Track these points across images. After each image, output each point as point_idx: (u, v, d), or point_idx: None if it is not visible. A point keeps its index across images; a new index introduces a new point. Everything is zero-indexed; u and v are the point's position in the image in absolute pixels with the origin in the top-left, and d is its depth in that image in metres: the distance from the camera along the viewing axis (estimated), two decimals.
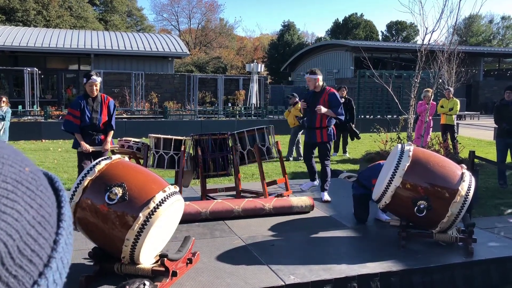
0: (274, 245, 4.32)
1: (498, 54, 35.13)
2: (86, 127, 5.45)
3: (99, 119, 5.50)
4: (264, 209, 5.20)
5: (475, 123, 22.97)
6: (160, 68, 24.40)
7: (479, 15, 50.29)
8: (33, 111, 18.27)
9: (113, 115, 5.64)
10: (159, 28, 51.08)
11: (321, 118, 5.92)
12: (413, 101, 8.21)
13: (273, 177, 7.78)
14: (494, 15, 69.58)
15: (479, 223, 4.80)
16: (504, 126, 7.45)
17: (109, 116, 5.59)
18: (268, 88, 26.64)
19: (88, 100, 5.48)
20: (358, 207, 5.08)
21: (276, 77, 46.05)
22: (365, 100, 19.39)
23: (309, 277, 3.55)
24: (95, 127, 5.49)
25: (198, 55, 40.94)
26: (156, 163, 5.54)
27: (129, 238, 3.14)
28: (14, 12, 33.57)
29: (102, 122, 5.52)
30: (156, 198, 3.20)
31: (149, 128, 14.06)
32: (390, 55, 31.68)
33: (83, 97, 5.52)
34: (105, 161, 3.41)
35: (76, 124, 5.42)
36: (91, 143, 5.48)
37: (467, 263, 3.97)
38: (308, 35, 61.77)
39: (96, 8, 44.66)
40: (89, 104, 5.47)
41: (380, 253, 4.11)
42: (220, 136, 5.73)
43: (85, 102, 5.46)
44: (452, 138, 10.55)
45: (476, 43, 49.28)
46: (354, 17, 52.07)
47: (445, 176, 4.11)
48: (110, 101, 5.66)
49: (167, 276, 3.30)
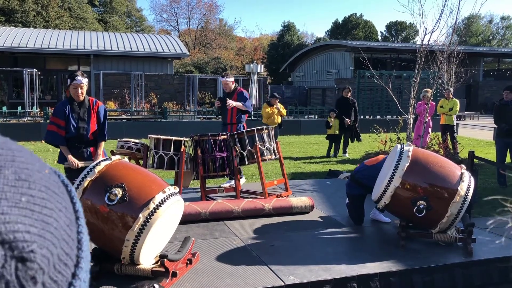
0: (274, 246, 4.32)
1: (497, 54, 35.17)
2: (72, 139, 4.68)
3: (87, 129, 4.71)
4: (264, 210, 5.21)
5: (474, 123, 22.98)
6: (159, 68, 24.41)
7: (479, 15, 50.38)
8: (33, 112, 18.27)
9: (104, 123, 4.84)
10: (159, 28, 51.14)
11: (231, 115, 6.84)
12: (412, 102, 8.22)
13: (272, 178, 7.79)
14: (493, 15, 69.71)
15: (478, 223, 4.81)
16: (504, 126, 7.45)
17: (99, 125, 4.81)
18: (267, 89, 26.65)
19: (74, 106, 4.68)
20: (355, 207, 5.05)
21: (275, 77, 46.07)
22: (364, 101, 19.41)
23: (308, 277, 3.55)
24: (83, 138, 4.70)
25: (197, 55, 40.96)
26: (155, 163, 5.53)
27: (129, 238, 3.14)
28: (14, 13, 33.58)
29: (90, 132, 4.74)
30: (156, 199, 3.21)
31: (149, 128, 14.06)
32: (390, 56, 31.69)
33: (68, 102, 4.70)
34: (104, 162, 3.41)
35: (61, 136, 4.64)
36: (79, 157, 4.71)
37: (467, 263, 3.97)
38: (307, 35, 61.87)
39: (96, 9, 44.67)
40: (75, 110, 4.67)
41: (379, 253, 4.12)
42: (220, 137, 5.74)
43: (70, 108, 4.66)
44: (451, 138, 10.56)
45: (476, 43, 49.32)
46: (353, 18, 52.09)
47: (444, 176, 4.12)
48: (100, 106, 4.85)
49: (167, 277, 3.31)
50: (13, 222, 0.36)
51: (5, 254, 0.35)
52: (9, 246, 0.35)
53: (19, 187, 0.38)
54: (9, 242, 0.35)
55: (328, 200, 6.12)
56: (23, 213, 0.37)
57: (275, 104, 10.05)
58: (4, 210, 0.36)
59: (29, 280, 0.36)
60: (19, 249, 0.36)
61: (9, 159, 0.39)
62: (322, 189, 6.86)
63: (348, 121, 10.66)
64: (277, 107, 10.03)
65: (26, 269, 0.36)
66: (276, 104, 10.04)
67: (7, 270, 0.35)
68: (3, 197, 0.36)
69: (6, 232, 0.35)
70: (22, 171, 0.39)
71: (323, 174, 8.60)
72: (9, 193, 0.37)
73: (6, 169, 0.38)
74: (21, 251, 0.36)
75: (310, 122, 17.72)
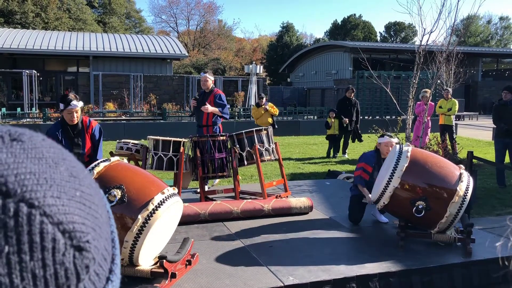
0: (273, 246, 4.33)
1: (496, 55, 35.20)
2: None
3: (82, 153, 4.40)
4: (263, 210, 5.21)
5: (473, 123, 23.00)
6: (158, 69, 24.41)
7: (477, 15, 50.42)
8: (32, 113, 18.26)
9: (99, 144, 4.52)
10: (158, 30, 51.14)
11: (207, 117, 6.58)
12: (411, 102, 8.22)
13: (272, 178, 7.78)
14: (492, 16, 69.76)
15: (477, 223, 4.81)
16: (503, 126, 7.46)
17: (94, 146, 4.49)
18: (267, 90, 26.66)
19: (66, 130, 4.35)
20: (354, 208, 5.07)
21: (274, 78, 46.07)
22: (363, 101, 19.41)
23: (308, 278, 3.55)
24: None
25: (196, 56, 40.96)
26: (155, 164, 5.53)
27: (128, 240, 3.14)
28: (13, 14, 33.57)
29: (86, 155, 4.45)
30: (155, 200, 3.21)
31: (148, 129, 14.05)
32: (389, 56, 31.71)
33: (60, 126, 4.37)
34: (103, 163, 3.41)
35: None
36: None
37: (466, 263, 3.98)
38: (306, 36, 61.94)
39: (95, 10, 44.67)
40: (68, 135, 4.34)
41: (378, 254, 4.12)
42: (219, 138, 5.74)
43: (63, 132, 4.33)
44: (450, 139, 10.56)
45: (475, 43, 49.37)
46: (352, 18, 52.11)
47: (443, 177, 4.12)
48: (95, 127, 4.50)
49: (166, 278, 3.31)
50: (72, 213, 0.39)
51: (66, 243, 0.37)
52: (69, 235, 0.38)
53: (72, 183, 0.41)
54: (69, 232, 0.38)
55: (327, 201, 6.12)
56: (78, 206, 0.40)
57: (262, 104, 10.21)
58: (64, 203, 0.39)
59: (84, 269, 0.39)
60: (77, 239, 0.38)
61: (61, 157, 0.42)
62: (321, 189, 6.86)
63: (346, 120, 10.66)
64: (265, 107, 10.17)
65: (82, 257, 0.38)
66: (262, 103, 10.21)
67: (67, 258, 0.37)
68: (63, 191, 0.39)
69: (66, 222, 0.38)
70: (73, 169, 0.42)
71: (322, 174, 8.60)
72: (66, 187, 0.40)
73: (60, 166, 0.41)
74: (78, 240, 0.38)
75: (309, 122, 17.72)
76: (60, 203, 0.38)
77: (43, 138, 0.42)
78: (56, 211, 0.38)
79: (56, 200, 0.38)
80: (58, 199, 0.38)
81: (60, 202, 0.38)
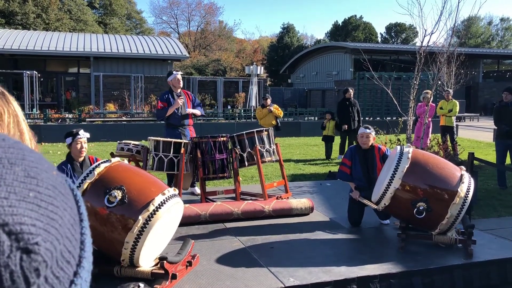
0: (274, 247, 4.32)
1: (497, 56, 35.18)
2: None
3: None
4: (264, 212, 5.20)
5: (474, 124, 22.98)
6: (159, 70, 24.41)
7: (478, 16, 50.44)
8: (33, 114, 18.26)
9: None
10: (159, 30, 51.16)
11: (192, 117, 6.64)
12: (412, 103, 8.21)
13: (272, 180, 7.78)
14: (493, 17, 69.81)
15: (478, 225, 4.80)
16: (504, 128, 7.45)
17: None
18: (267, 90, 26.66)
19: (75, 166, 4.32)
20: (352, 210, 5.06)
21: (275, 79, 46.09)
22: (364, 102, 19.40)
23: (308, 279, 3.55)
24: None
25: (197, 57, 40.95)
26: (155, 165, 5.53)
27: (129, 241, 3.14)
28: (14, 15, 33.60)
29: None
30: (155, 201, 3.20)
31: (149, 130, 14.02)
32: (390, 57, 31.70)
33: (67, 162, 4.34)
34: (104, 164, 3.41)
35: None
36: None
37: (467, 265, 3.97)
38: (307, 37, 61.98)
39: (96, 11, 44.71)
40: (77, 171, 4.29)
41: (379, 255, 4.11)
42: (219, 139, 5.73)
43: (72, 169, 4.29)
44: (451, 140, 10.54)
45: (475, 44, 49.35)
46: (353, 19, 52.13)
47: (444, 178, 4.12)
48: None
49: (166, 279, 3.30)
50: (20, 214, 0.38)
51: (11, 245, 0.36)
52: (16, 237, 0.37)
53: (27, 183, 0.40)
54: (15, 233, 0.37)
55: (328, 202, 6.12)
56: (30, 207, 0.39)
57: (267, 104, 10.28)
58: (12, 203, 0.38)
59: (32, 272, 0.37)
60: (24, 241, 0.37)
61: (19, 157, 0.41)
62: (322, 191, 6.86)
63: (346, 127, 10.64)
64: (269, 108, 10.19)
65: (30, 260, 0.37)
66: (267, 104, 10.24)
67: (12, 260, 0.36)
68: (12, 191, 0.38)
69: (13, 224, 0.37)
70: (31, 169, 0.41)
71: (323, 176, 8.59)
72: (18, 188, 0.39)
73: (17, 166, 0.40)
74: (26, 242, 0.37)
75: (310, 123, 17.71)
76: (7, 204, 0.37)
77: (4, 138, 0.42)
78: (2, 212, 0.37)
79: (3, 201, 0.37)
80: (5, 200, 0.37)
81: (7, 203, 0.37)
